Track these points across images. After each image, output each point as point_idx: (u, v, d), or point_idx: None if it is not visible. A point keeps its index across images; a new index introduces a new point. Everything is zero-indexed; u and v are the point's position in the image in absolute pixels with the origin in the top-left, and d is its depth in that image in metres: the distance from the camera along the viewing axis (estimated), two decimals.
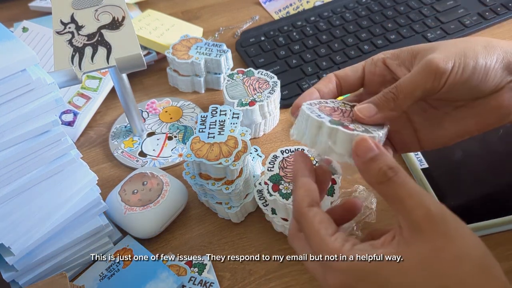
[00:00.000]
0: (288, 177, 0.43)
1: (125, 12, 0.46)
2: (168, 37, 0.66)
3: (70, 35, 0.44)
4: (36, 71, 0.33)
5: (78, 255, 0.43)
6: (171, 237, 0.47)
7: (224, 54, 0.60)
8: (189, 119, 0.59)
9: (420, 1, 0.71)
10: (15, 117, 0.33)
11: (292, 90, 0.60)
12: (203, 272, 0.43)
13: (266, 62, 0.64)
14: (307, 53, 0.65)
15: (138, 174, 0.49)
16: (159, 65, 0.68)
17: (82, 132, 0.59)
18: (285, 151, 0.46)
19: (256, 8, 0.78)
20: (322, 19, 0.70)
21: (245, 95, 0.53)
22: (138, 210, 0.45)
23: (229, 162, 0.42)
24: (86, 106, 0.59)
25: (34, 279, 0.41)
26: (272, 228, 0.46)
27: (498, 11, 0.67)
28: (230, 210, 0.46)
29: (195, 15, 0.78)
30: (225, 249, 0.46)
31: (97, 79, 0.62)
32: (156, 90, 0.64)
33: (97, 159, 0.56)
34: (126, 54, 0.42)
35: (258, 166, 0.50)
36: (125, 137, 0.57)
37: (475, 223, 0.43)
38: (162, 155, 0.55)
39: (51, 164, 0.37)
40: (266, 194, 0.43)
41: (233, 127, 0.46)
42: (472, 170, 0.48)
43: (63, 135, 0.36)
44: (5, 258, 0.38)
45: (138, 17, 0.69)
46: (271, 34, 0.69)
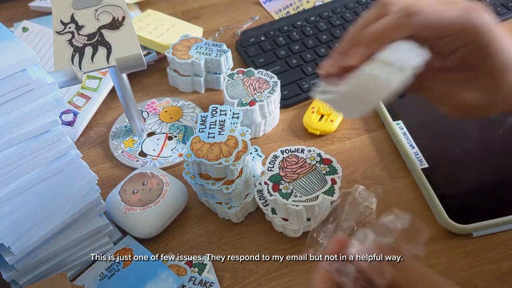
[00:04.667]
0: (288, 177, 0.43)
1: (125, 12, 0.46)
2: (168, 37, 0.66)
3: (70, 35, 0.44)
4: (36, 71, 0.33)
5: (78, 255, 0.43)
6: (171, 237, 0.47)
7: (224, 54, 0.60)
8: (189, 119, 0.59)
9: None
10: (15, 117, 0.33)
11: (292, 90, 0.60)
12: (203, 272, 0.43)
13: (266, 62, 0.64)
14: (307, 53, 0.65)
15: (138, 174, 0.49)
16: (159, 65, 0.68)
17: (82, 132, 0.59)
18: (285, 151, 0.46)
19: (256, 8, 0.78)
20: (322, 19, 0.70)
21: (245, 95, 0.53)
22: (138, 210, 0.45)
23: (229, 162, 0.42)
24: (86, 106, 0.59)
25: (34, 279, 0.41)
26: (272, 228, 0.46)
27: (498, 11, 0.67)
28: (230, 210, 0.46)
29: (195, 15, 0.78)
30: (225, 249, 0.46)
31: (97, 79, 0.62)
32: (156, 90, 0.64)
33: (97, 159, 0.56)
34: (126, 54, 0.42)
35: (258, 166, 0.50)
36: (125, 137, 0.57)
37: (475, 223, 0.43)
38: (162, 155, 0.55)
39: (51, 164, 0.37)
40: (266, 194, 0.43)
41: (233, 127, 0.46)
42: (472, 170, 0.48)
43: (63, 135, 0.36)
44: (5, 258, 0.38)
45: (138, 17, 0.69)
46: (271, 34, 0.69)
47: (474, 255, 0.43)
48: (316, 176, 0.43)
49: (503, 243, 0.43)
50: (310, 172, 0.43)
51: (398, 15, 0.32)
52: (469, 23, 0.32)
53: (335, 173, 0.43)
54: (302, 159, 0.44)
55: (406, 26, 0.32)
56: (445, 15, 0.32)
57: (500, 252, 0.42)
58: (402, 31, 0.33)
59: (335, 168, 0.44)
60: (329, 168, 0.43)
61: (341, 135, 0.55)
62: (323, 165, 0.44)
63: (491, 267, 0.42)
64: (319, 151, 0.45)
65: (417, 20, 0.32)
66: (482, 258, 0.42)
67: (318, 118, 0.56)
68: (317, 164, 0.44)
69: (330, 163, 0.44)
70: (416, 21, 0.32)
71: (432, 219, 0.45)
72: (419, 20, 0.32)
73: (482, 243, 0.43)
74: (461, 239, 0.44)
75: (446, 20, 0.32)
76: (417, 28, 0.33)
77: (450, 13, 0.32)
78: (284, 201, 0.41)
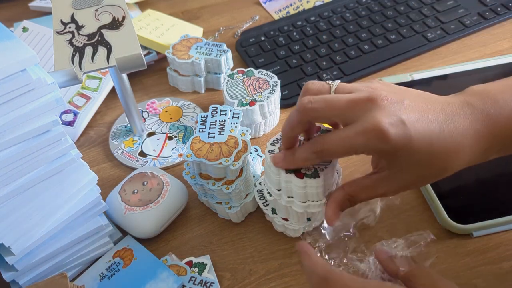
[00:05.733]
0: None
1: (125, 12, 0.46)
2: (168, 37, 0.66)
3: (70, 35, 0.44)
4: (36, 71, 0.33)
5: (78, 255, 0.43)
6: (171, 237, 0.47)
7: (224, 54, 0.60)
8: (189, 119, 0.59)
9: (420, 1, 0.71)
10: (15, 117, 0.33)
11: (292, 90, 0.60)
12: (203, 272, 0.43)
13: (266, 62, 0.64)
14: (307, 53, 0.65)
15: (138, 174, 0.49)
16: (159, 65, 0.68)
17: (82, 132, 0.59)
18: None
19: (256, 8, 0.78)
20: (322, 19, 0.70)
21: (245, 95, 0.53)
22: (138, 210, 0.45)
23: (229, 162, 0.42)
24: (86, 106, 0.59)
25: (34, 279, 0.41)
26: (272, 228, 0.46)
27: (498, 11, 0.67)
28: (230, 210, 0.46)
29: (195, 15, 0.78)
30: (225, 249, 0.46)
31: (97, 79, 0.62)
32: (156, 90, 0.64)
33: (97, 159, 0.56)
34: (126, 54, 0.42)
35: (258, 166, 0.50)
36: (125, 137, 0.57)
37: (475, 223, 0.43)
38: (162, 155, 0.55)
39: (51, 164, 0.37)
40: (266, 194, 0.43)
41: (233, 127, 0.46)
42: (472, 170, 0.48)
43: (63, 135, 0.36)
44: (5, 258, 0.38)
45: (138, 17, 0.69)
46: (271, 34, 0.69)
47: (474, 255, 0.43)
48: None
49: (503, 243, 0.43)
50: None
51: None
52: (369, 150, 0.34)
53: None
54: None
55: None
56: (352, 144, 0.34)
57: (500, 252, 0.42)
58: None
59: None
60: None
61: None
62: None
63: (491, 267, 0.42)
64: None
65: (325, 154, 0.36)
66: (482, 258, 0.42)
67: None
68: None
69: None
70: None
71: (432, 219, 0.45)
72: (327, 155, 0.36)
73: (482, 243, 0.43)
74: (461, 239, 0.44)
75: (343, 148, 0.34)
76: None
77: (348, 141, 0.33)
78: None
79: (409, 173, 0.34)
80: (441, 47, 0.65)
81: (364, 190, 0.36)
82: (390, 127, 0.31)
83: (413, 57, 0.64)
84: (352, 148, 0.33)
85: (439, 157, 0.32)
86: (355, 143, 0.33)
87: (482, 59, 0.61)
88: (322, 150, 0.35)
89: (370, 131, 0.31)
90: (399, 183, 0.35)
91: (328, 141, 0.34)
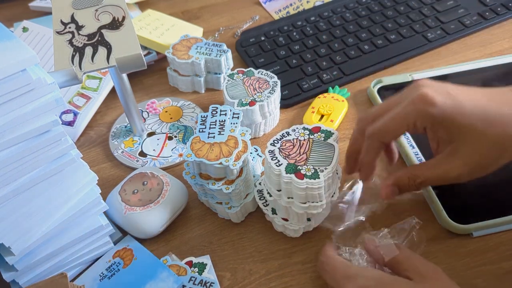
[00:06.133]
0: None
1: (125, 12, 0.46)
2: (168, 37, 0.66)
3: (70, 35, 0.44)
4: (36, 71, 0.33)
5: (78, 255, 0.43)
6: (171, 237, 0.47)
7: (224, 54, 0.60)
8: (189, 119, 0.59)
9: (420, 1, 0.71)
10: (15, 117, 0.33)
11: (292, 90, 0.60)
12: (203, 272, 0.43)
13: (266, 62, 0.64)
14: (307, 53, 0.65)
15: (138, 174, 0.49)
16: (159, 65, 0.68)
17: (82, 132, 0.59)
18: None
19: (256, 8, 0.78)
20: (322, 19, 0.70)
21: (245, 95, 0.53)
22: (138, 210, 0.45)
23: (229, 162, 0.42)
24: (86, 106, 0.59)
25: (34, 279, 0.41)
26: (272, 228, 0.46)
27: (498, 11, 0.67)
28: (230, 210, 0.46)
29: (195, 15, 0.78)
30: (225, 249, 0.46)
31: (97, 79, 0.62)
32: (156, 90, 0.64)
33: (97, 159, 0.56)
34: (126, 54, 0.42)
35: (258, 166, 0.50)
36: (125, 137, 0.57)
37: (475, 223, 0.43)
38: (162, 155, 0.55)
39: (51, 164, 0.37)
40: (266, 194, 0.43)
41: (233, 127, 0.46)
42: None
43: (63, 135, 0.36)
44: (5, 258, 0.38)
45: (138, 17, 0.69)
46: (271, 34, 0.69)
47: (474, 255, 0.43)
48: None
49: (503, 243, 0.43)
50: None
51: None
52: (421, 118, 0.36)
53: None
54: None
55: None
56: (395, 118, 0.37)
57: (500, 252, 0.42)
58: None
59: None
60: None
61: (341, 135, 0.55)
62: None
63: (491, 267, 0.42)
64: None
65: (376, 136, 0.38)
66: (482, 258, 0.42)
67: (318, 118, 0.56)
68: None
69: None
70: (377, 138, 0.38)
71: (432, 219, 0.45)
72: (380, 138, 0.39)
73: (482, 243, 0.43)
74: (461, 239, 0.44)
75: (398, 122, 0.37)
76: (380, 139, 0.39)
77: (399, 113, 0.36)
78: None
79: (469, 146, 0.35)
80: (441, 47, 0.65)
81: (429, 168, 0.37)
82: (436, 94, 0.34)
83: (413, 57, 0.64)
84: (404, 121, 0.36)
85: (496, 133, 0.34)
86: (405, 113, 0.36)
87: (482, 59, 0.61)
88: (380, 129, 0.37)
89: (417, 99, 0.35)
90: (463, 160, 0.35)
91: (382, 122, 0.37)
